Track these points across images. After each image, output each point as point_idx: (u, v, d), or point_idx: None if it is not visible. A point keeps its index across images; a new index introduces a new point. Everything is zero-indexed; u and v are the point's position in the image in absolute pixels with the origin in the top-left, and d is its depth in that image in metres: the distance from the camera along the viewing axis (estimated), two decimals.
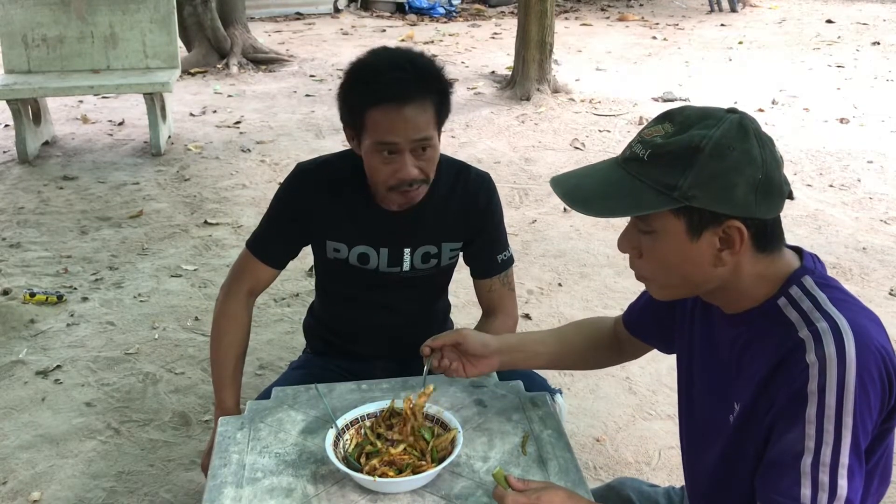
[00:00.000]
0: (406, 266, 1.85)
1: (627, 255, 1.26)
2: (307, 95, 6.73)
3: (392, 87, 1.61)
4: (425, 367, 1.55)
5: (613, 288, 3.57)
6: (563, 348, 1.63)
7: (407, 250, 1.84)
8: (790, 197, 1.18)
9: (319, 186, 1.82)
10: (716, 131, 1.11)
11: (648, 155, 1.13)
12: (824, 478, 1.07)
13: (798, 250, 1.24)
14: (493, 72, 7.43)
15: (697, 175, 1.10)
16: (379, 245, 1.83)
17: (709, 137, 1.10)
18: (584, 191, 1.19)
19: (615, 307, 3.40)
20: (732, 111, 1.15)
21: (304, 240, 1.90)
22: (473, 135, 5.67)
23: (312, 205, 1.82)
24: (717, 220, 1.12)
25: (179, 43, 5.93)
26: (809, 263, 1.22)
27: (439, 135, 1.72)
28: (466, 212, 1.85)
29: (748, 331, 1.22)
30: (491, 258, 1.91)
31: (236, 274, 1.91)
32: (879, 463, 1.18)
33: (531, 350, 1.62)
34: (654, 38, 9.16)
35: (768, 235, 1.16)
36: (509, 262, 1.93)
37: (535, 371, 1.96)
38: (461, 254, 1.94)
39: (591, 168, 1.23)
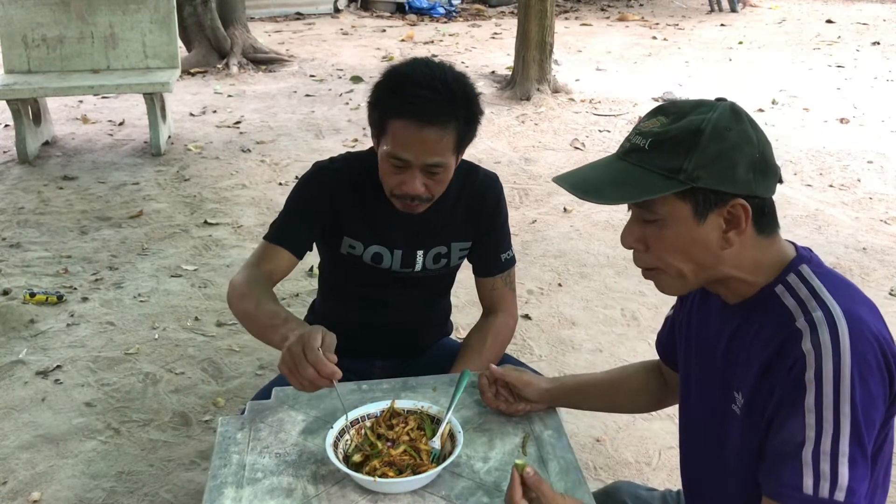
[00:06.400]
0: (418, 267, 1.87)
1: (629, 255, 1.26)
2: (307, 95, 6.72)
3: (417, 105, 1.59)
4: (464, 381, 1.55)
5: (613, 288, 3.57)
6: (614, 391, 1.63)
7: (420, 252, 1.85)
8: (780, 180, 1.22)
9: (339, 183, 1.82)
10: (713, 115, 1.15)
11: (650, 143, 1.15)
12: (825, 466, 1.07)
13: (791, 244, 1.26)
14: (493, 72, 7.43)
15: (700, 156, 1.12)
16: (394, 247, 1.84)
17: (708, 120, 1.14)
18: (592, 182, 1.21)
19: (615, 307, 3.41)
20: (721, 99, 1.19)
21: (322, 231, 1.85)
22: None
23: (333, 199, 1.81)
24: (721, 200, 1.15)
25: (179, 43, 5.93)
26: (805, 253, 1.24)
27: (458, 157, 1.72)
28: (475, 212, 1.87)
29: (747, 320, 1.23)
30: (495, 257, 1.92)
31: (255, 260, 1.81)
32: (882, 451, 1.18)
33: (582, 397, 1.62)
34: (654, 38, 9.16)
35: (767, 216, 1.19)
36: (512, 261, 1.95)
37: (530, 367, 1.97)
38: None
39: (592, 164, 1.25)
